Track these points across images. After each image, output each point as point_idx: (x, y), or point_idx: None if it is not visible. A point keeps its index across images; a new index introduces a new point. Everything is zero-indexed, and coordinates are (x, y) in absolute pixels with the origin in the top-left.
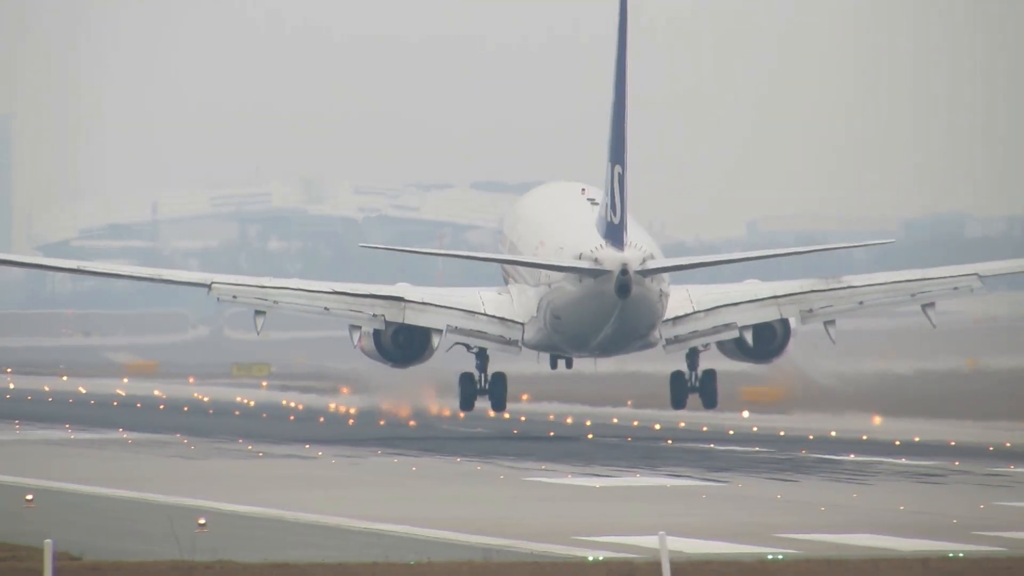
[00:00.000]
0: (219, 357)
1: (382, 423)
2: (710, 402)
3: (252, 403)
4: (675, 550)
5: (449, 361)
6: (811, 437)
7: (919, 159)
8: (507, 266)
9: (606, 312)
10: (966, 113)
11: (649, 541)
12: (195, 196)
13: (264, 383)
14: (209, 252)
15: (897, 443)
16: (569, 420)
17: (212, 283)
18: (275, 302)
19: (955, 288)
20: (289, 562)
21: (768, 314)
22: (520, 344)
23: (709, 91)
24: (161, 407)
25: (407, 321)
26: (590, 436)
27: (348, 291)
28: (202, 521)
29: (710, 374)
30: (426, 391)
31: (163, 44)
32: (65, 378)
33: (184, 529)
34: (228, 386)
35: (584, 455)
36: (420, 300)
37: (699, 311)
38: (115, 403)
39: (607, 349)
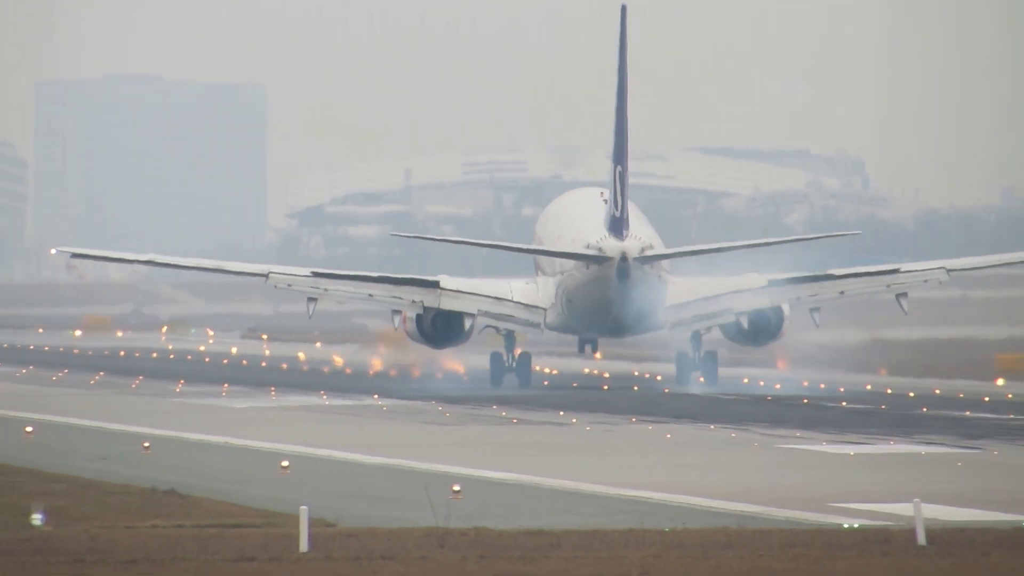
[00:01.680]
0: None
1: (635, 388)
2: (711, 380)
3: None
4: (930, 517)
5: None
6: None
7: None
8: (536, 258)
9: (610, 295)
10: None
11: (904, 508)
12: (448, 163)
13: (517, 350)
14: (462, 219)
15: None
16: (822, 386)
17: (270, 273)
18: (325, 290)
19: (925, 280)
20: (544, 529)
21: (760, 302)
22: (543, 327)
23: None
24: (415, 374)
25: (443, 306)
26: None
27: (390, 279)
28: (457, 488)
29: (711, 355)
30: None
31: (410, 14)
32: (319, 345)
33: (439, 496)
34: (482, 354)
35: (838, 423)
36: (454, 288)
37: (699, 299)
38: (371, 372)
39: (616, 330)
